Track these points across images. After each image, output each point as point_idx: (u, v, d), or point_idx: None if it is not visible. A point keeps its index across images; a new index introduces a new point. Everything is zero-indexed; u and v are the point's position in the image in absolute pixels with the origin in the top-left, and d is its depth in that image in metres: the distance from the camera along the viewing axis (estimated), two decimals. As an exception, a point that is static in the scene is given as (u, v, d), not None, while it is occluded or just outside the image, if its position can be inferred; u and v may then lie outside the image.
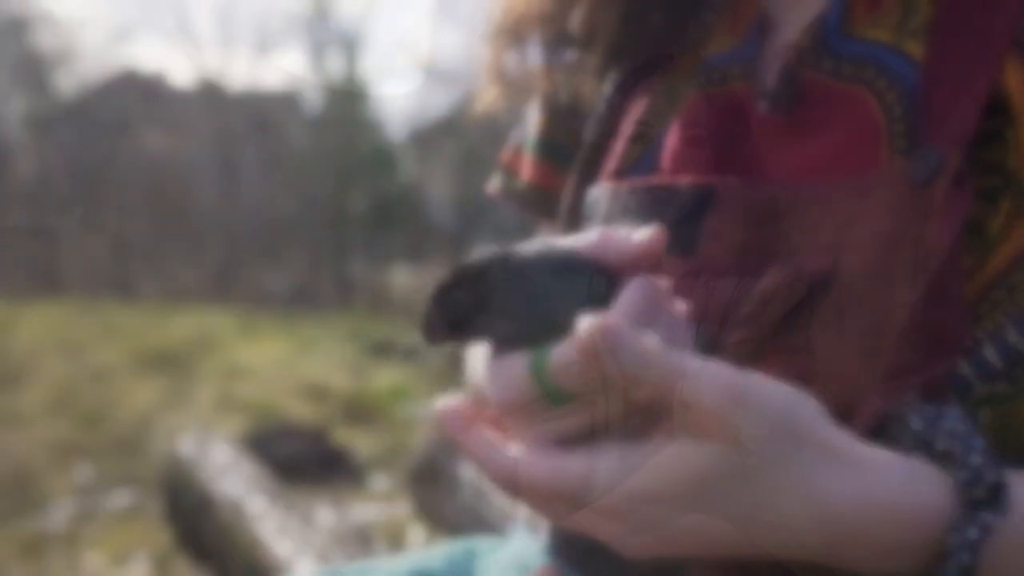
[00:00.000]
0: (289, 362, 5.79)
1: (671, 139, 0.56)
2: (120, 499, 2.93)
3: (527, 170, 0.71)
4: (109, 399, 4.47)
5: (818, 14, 0.52)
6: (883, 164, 0.48)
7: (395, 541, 2.44)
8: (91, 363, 5.44)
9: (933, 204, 0.44)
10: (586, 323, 0.35)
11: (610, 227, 0.43)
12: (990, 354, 0.44)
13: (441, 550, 0.73)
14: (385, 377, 5.20)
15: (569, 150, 0.68)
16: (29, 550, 2.52)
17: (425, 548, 0.70)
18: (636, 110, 0.60)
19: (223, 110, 14.32)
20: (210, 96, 15.04)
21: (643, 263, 0.41)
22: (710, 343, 0.46)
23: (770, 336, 0.47)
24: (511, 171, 0.73)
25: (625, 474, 0.37)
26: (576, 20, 0.63)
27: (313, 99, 17.45)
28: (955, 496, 0.38)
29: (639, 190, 0.55)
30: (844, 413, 0.40)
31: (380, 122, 20.73)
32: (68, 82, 19.64)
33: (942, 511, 0.38)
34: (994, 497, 0.38)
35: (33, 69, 19.66)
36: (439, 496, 1.70)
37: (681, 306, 0.44)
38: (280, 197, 16.31)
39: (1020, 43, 0.47)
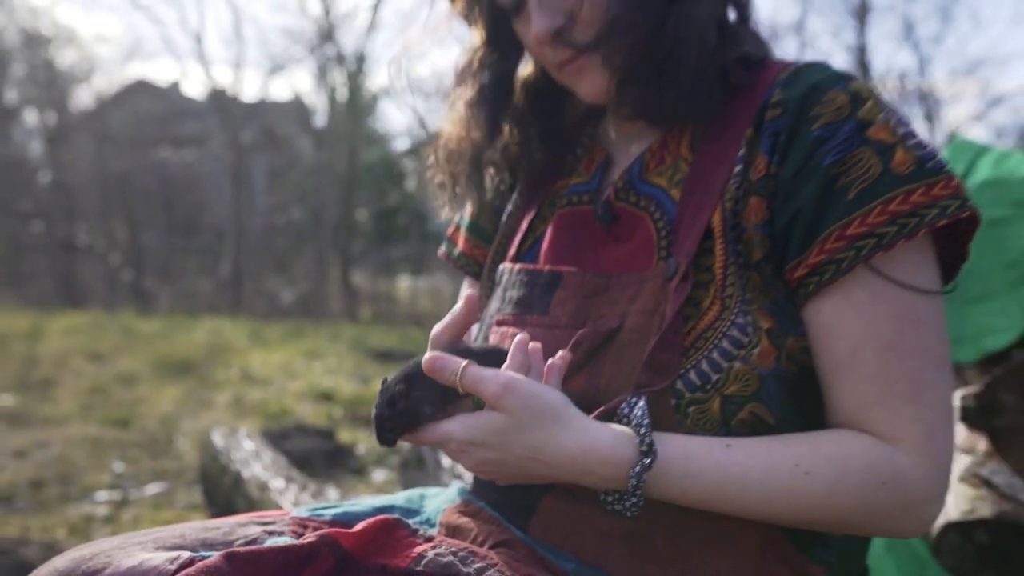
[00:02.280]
0: (298, 369, 6.17)
1: (546, 238, 0.96)
2: (152, 490, 3.33)
3: (461, 243, 1.11)
4: (135, 402, 4.86)
5: (628, 164, 0.92)
6: (652, 265, 0.83)
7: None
8: (116, 370, 5.83)
9: (670, 291, 0.79)
10: (427, 357, 0.75)
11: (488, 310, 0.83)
12: (692, 376, 0.78)
13: (402, 494, 1.04)
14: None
15: (488, 232, 1.08)
16: (77, 531, 2.89)
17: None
18: (530, 214, 1.00)
19: (234, 124, 14.64)
20: (221, 110, 15.36)
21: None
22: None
23: (582, 361, 0.85)
24: (452, 242, 1.13)
25: (462, 431, 0.76)
26: (496, 151, 1.03)
27: (320, 112, 17.77)
28: (635, 447, 0.75)
29: (524, 271, 0.93)
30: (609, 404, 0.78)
31: (385, 135, 21.08)
32: (85, 96, 20.00)
33: (629, 454, 0.74)
34: (651, 448, 0.75)
35: (51, 83, 20.04)
36: (424, 479, 2.09)
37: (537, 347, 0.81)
38: (288, 208, 16.65)
39: (723, 198, 0.82)
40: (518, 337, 0.79)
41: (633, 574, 0.77)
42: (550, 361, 0.79)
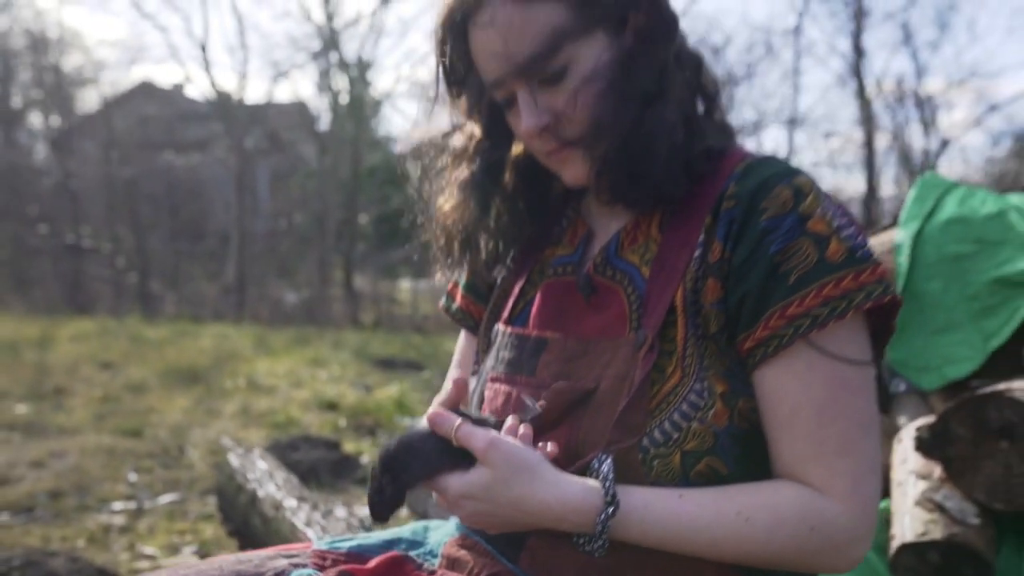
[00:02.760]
0: (302, 377, 6.31)
1: (535, 304, 1.10)
2: (166, 500, 3.47)
3: (459, 299, 1.25)
4: (146, 411, 5.01)
5: (606, 242, 1.06)
6: (625, 334, 0.96)
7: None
8: (126, 378, 5.98)
9: (639, 359, 0.93)
10: (430, 412, 0.90)
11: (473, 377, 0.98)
12: (656, 434, 0.91)
13: (408, 526, 1.15)
14: (388, 390, 5.72)
15: (482, 291, 1.22)
16: (96, 540, 3.03)
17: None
18: (521, 279, 1.14)
19: (239, 131, 14.77)
20: (226, 115, 15.48)
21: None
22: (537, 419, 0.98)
23: (562, 415, 0.99)
24: (451, 297, 1.27)
25: (456, 486, 0.90)
26: (490, 224, 1.17)
27: (323, 117, 17.91)
28: (601, 497, 0.87)
29: (515, 335, 1.06)
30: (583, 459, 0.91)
31: (387, 138, 21.19)
32: (90, 99, 20.11)
33: (596, 503, 0.87)
34: (614, 499, 0.87)
35: (56, 86, 20.17)
36: (425, 499, 2.24)
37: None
38: (291, 212, 16.79)
39: (684, 278, 0.95)
40: (508, 421, 0.93)
41: None
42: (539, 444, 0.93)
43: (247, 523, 2.04)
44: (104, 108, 18.17)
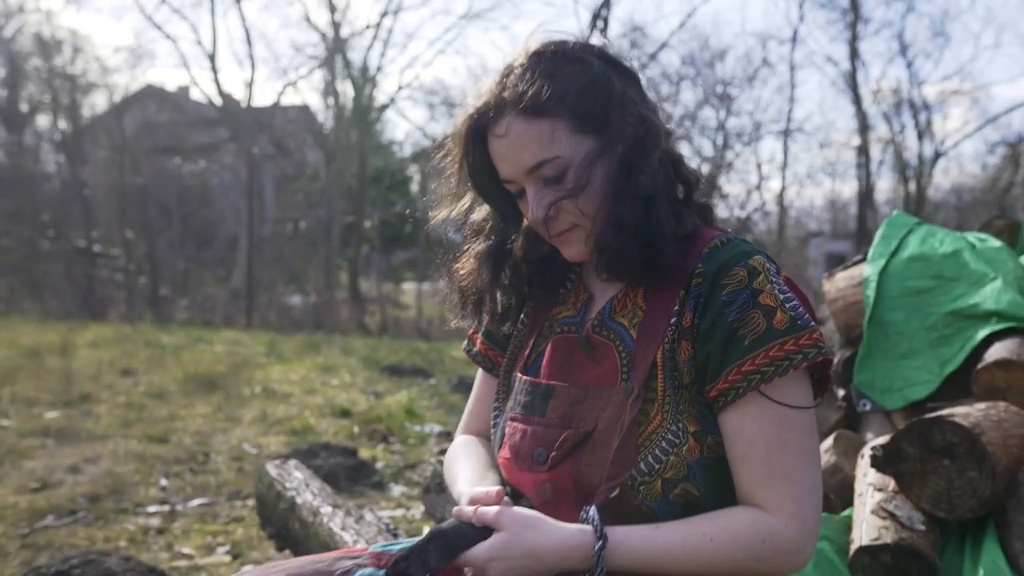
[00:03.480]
0: (315, 384, 6.57)
1: (546, 355, 1.35)
2: (197, 503, 3.73)
3: (478, 344, 1.49)
4: (170, 418, 5.26)
5: (602, 306, 1.31)
6: (617, 384, 1.21)
7: (416, 535, 3.23)
8: (147, 386, 6.23)
9: (628, 406, 1.18)
10: (456, 509, 1.16)
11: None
12: (642, 466, 1.15)
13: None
14: (397, 397, 5.98)
15: (497, 339, 1.47)
16: (136, 541, 3.27)
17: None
18: (534, 334, 1.39)
19: (248, 140, 14.99)
20: (233, 122, 15.70)
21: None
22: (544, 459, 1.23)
23: (568, 453, 1.24)
24: (472, 341, 1.51)
25: (479, 554, 1.13)
26: (504, 283, 1.42)
27: (328, 122, 18.15)
28: (592, 535, 1.10)
29: (529, 382, 1.30)
30: (587, 497, 1.16)
31: (389, 143, 21.41)
32: (97, 103, 20.32)
33: (590, 540, 1.08)
34: (603, 534, 1.11)
35: (63, 89, 20.37)
36: (444, 502, 2.49)
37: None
38: (296, 217, 17.03)
39: (663, 340, 1.21)
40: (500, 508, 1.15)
41: None
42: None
43: (287, 527, 2.30)
44: (111, 112, 18.40)
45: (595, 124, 1.16)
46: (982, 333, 2.22)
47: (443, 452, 3.82)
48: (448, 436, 4.76)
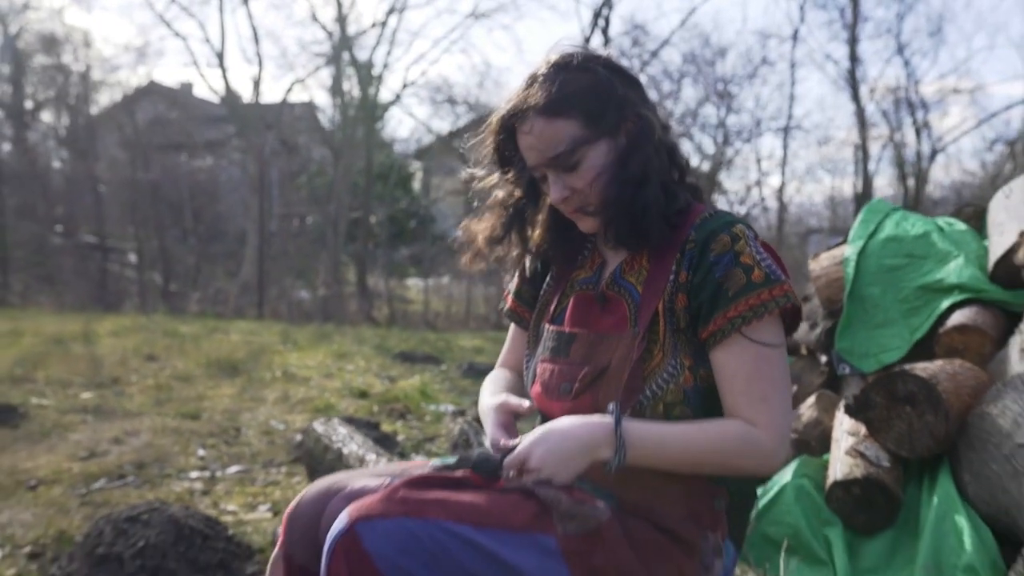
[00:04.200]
0: (331, 370, 6.88)
1: (568, 309, 1.66)
2: (234, 470, 4.04)
3: (510, 302, 1.81)
4: (198, 398, 5.57)
5: (614, 268, 1.62)
6: (627, 330, 1.52)
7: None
8: (172, 370, 6.54)
9: (635, 346, 1.50)
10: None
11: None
12: (648, 393, 1.43)
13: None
14: (411, 381, 6.29)
15: (526, 297, 1.78)
16: (184, 501, 3.56)
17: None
18: (558, 293, 1.71)
19: (253, 132, 15.25)
20: (241, 119, 15.97)
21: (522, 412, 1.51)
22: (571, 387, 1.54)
23: (588, 386, 1.55)
24: (504, 300, 1.84)
25: (524, 444, 1.43)
26: (534, 243, 1.73)
27: (333, 118, 18.44)
28: (613, 417, 1.40)
29: (556, 331, 1.63)
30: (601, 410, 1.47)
31: (392, 140, 21.66)
32: (102, 99, 20.57)
33: (611, 421, 1.39)
34: (619, 418, 1.39)
35: (65, 85, 20.60)
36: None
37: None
38: (302, 213, 17.33)
39: (664, 294, 1.50)
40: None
41: (626, 494, 1.46)
42: None
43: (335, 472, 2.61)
44: (116, 109, 18.67)
45: (600, 122, 1.45)
46: (946, 303, 2.54)
47: (462, 418, 4.14)
48: (463, 414, 5.07)
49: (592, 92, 1.44)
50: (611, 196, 1.48)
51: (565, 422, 1.36)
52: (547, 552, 1.32)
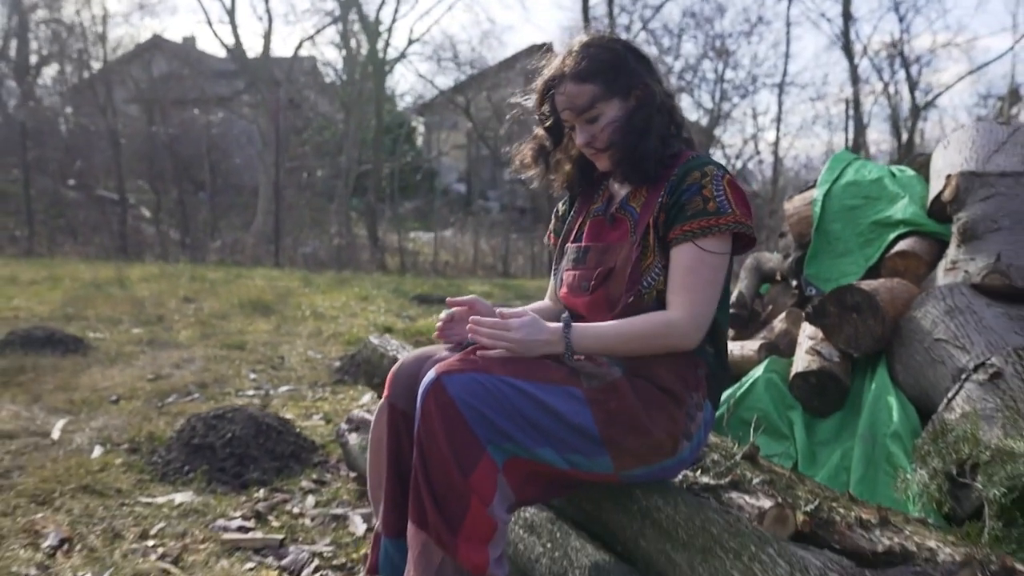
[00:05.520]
0: (355, 310, 7.44)
1: (586, 230, 2.21)
2: (284, 389, 4.62)
3: (552, 240, 2.36)
4: (238, 333, 6.14)
5: (621, 198, 2.17)
6: (627, 239, 2.08)
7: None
8: (209, 310, 7.10)
9: (634, 251, 2.06)
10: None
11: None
12: (644, 284, 1.95)
13: None
14: (429, 320, 6.85)
15: (558, 230, 2.33)
16: None
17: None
18: (579, 220, 2.25)
19: (265, 87, 15.56)
20: (249, 72, 16.25)
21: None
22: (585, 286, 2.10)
23: (600, 283, 2.10)
24: (548, 240, 2.39)
25: (514, 321, 1.97)
26: (568, 176, 2.28)
27: (341, 74, 18.74)
28: (563, 325, 1.93)
29: (576, 247, 2.18)
30: (614, 306, 2.03)
31: (394, 95, 21.93)
32: (108, 52, 20.76)
33: (563, 327, 1.87)
34: (568, 324, 1.89)
35: (66, 39, 20.78)
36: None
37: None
38: (311, 166, 17.73)
39: (654, 213, 2.07)
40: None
41: (633, 363, 2.00)
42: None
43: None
44: (121, 63, 18.91)
45: (616, 87, 1.97)
46: (892, 235, 3.09)
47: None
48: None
49: (611, 65, 1.96)
50: (620, 142, 2.00)
51: (543, 324, 1.80)
52: (576, 399, 1.86)
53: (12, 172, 14.62)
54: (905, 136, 19.89)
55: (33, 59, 23.61)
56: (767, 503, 1.90)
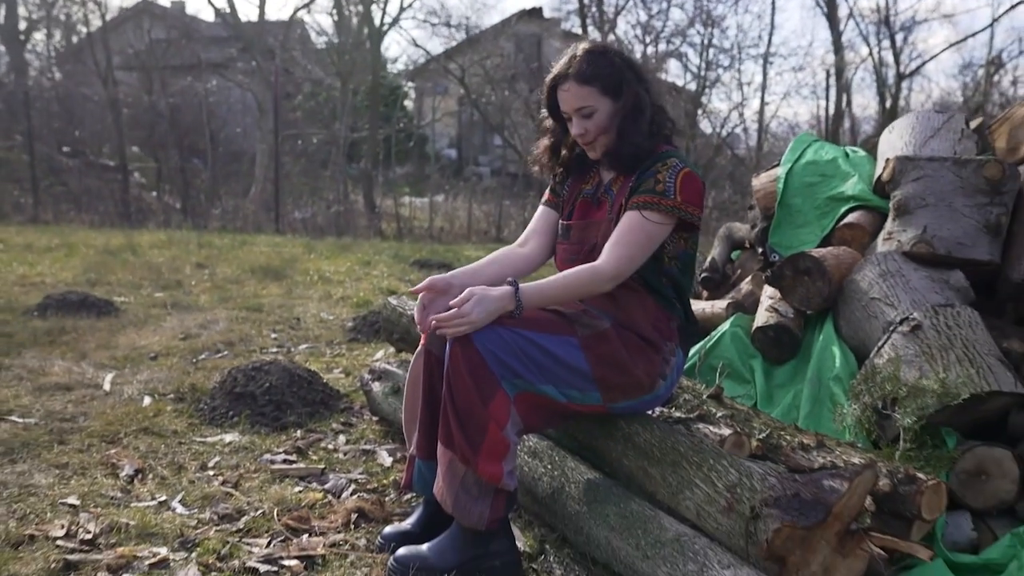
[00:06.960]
0: (359, 274, 7.89)
1: (576, 210, 2.67)
2: (304, 347, 5.08)
3: (548, 196, 2.81)
4: (253, 296, 6.58)
5: (606, 183, 2.62)
6: (606, 216, 2.53)
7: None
8: (222, 275, 7.53)
9: (611, 226, 2.50)
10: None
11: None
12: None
13: None
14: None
15: (557, 191, 2.78)
16: None
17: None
18: (572, 198, 2.71)
19: (260, 54, 15.73)
20: (243, 37, 16.40)
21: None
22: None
23: (587, 256, 2.56)
24: (545, 196, 2.85)
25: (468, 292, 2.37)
26: (565, 158, 2.72)
27: (334, 38, 18.90)
28: (513, 286, 2.28)
29: (566, 224, 2.62)
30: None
31: (387, 60, 22.07)
32: (93, 18, 20.74)
33: (512, 288, 2.12)
34: (516, 285, 2.17)
35: (53, 2, 20.70)
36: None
37: None
38: (305, 132, 17.98)
39: (626, 192, 2.55)
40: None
41: (618, 315, 2.47)
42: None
43: (408, 333, 3.64)
44: (109, 27, 18.94)
45: (611, 91, 2.42)
46: (843, 209, 3.56)
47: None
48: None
49: (608, 71, 2.36)
50: (609, 138, 2.45)
51: (490, 294, 2.08)
52: (573, 345, 2.32)
53: (13, 138, 14.83)
54: (889, 102, 20.30)
55: (22, 25, 23.63)
56: (727, 431, 2.38)
